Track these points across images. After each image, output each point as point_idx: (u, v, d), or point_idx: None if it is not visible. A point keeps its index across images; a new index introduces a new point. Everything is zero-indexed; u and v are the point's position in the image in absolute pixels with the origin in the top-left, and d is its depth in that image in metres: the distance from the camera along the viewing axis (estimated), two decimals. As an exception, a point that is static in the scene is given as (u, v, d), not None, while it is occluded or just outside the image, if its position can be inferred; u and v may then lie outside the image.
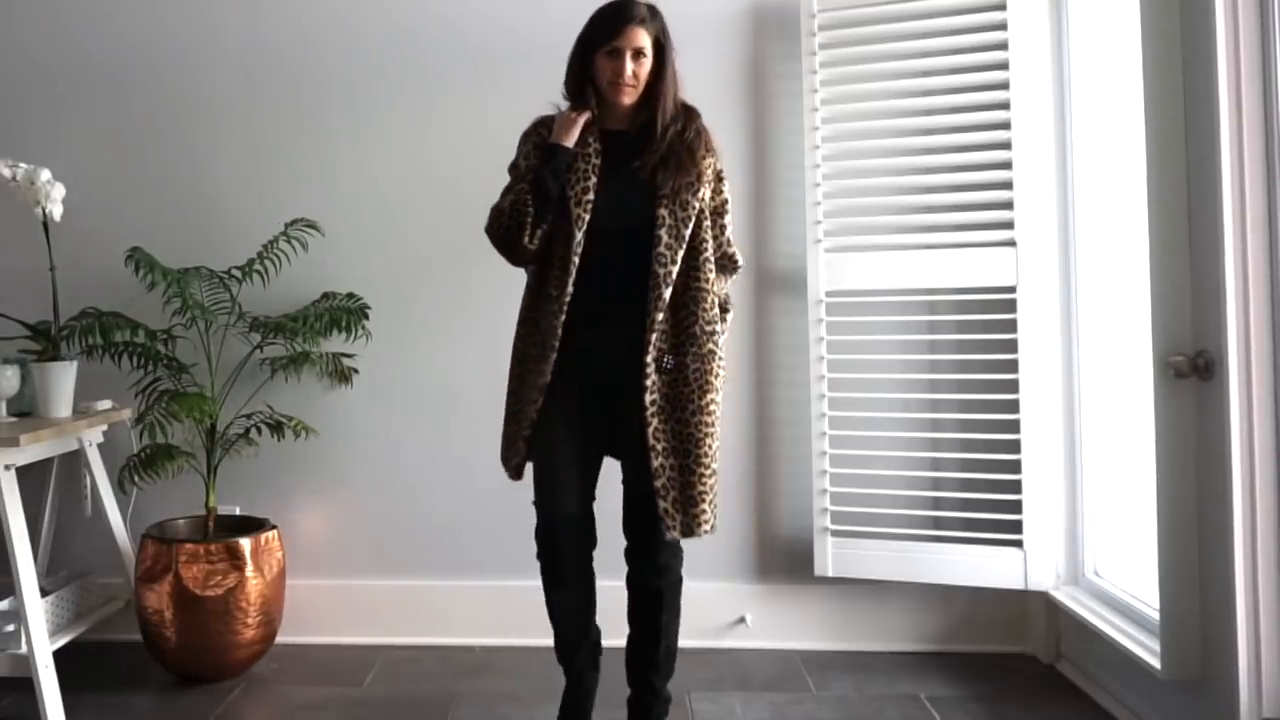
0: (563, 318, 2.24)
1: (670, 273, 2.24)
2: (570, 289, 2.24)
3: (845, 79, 3.04)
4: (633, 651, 2.39)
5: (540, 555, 2.36)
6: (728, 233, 2.43)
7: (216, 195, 3.25)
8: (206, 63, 3.26)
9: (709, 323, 2.28)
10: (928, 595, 3.10)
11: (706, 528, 2.24)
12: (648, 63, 2.26)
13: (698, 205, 2.28)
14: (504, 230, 2.29)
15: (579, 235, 2.23)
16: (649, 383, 2.22)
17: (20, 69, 3.28)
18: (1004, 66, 2.91)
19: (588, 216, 2.24)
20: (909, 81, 3.02)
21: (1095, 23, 2.88)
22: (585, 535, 2.35)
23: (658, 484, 2.21)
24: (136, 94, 3.26)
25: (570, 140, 2.27)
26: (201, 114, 3.26)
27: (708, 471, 2.25)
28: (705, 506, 2.23)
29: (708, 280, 2.30)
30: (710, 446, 2.26)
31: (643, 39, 2.24)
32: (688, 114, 2.34)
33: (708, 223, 2.33)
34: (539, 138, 2.34)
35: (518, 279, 3.20)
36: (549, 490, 2.31)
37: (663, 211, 2.24)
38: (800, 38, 3.05)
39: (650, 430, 2.22)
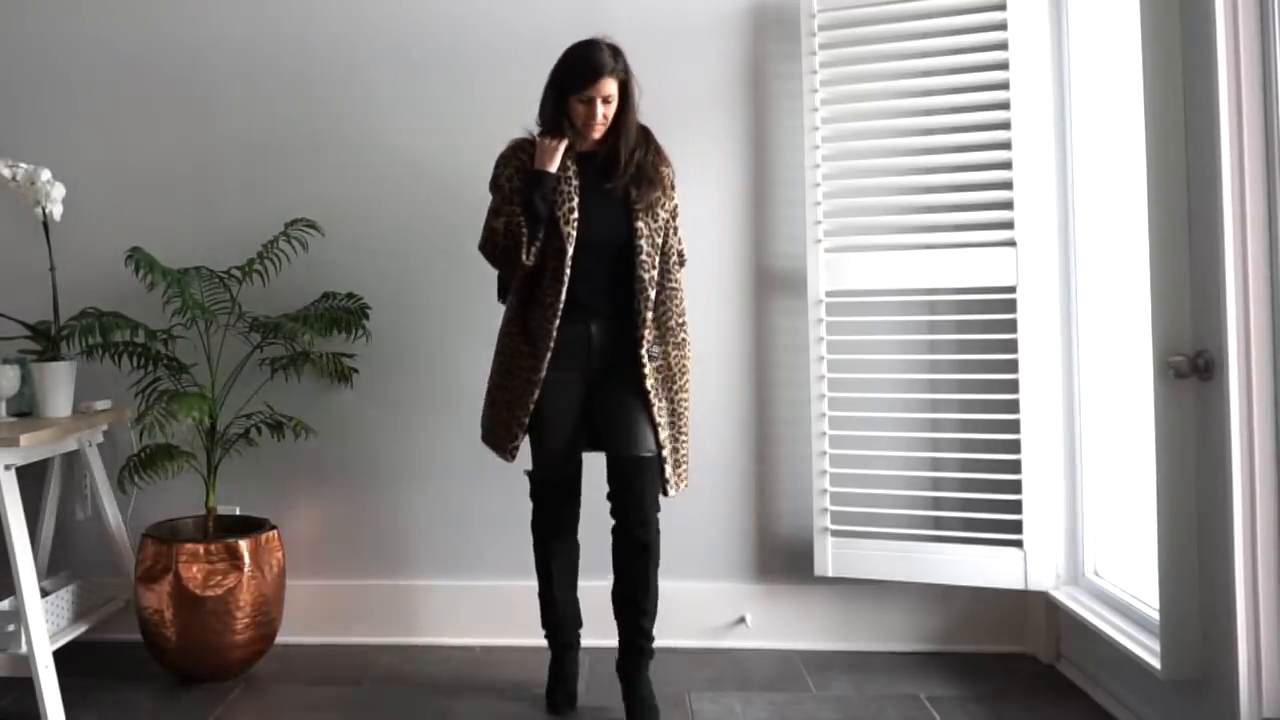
0: (557, 321, 2.54)
1: (653, 277, 2.59)
2: (564, 295, 2.54)
3: (845, 79, 3.04)
4: (622, 600, 2.64)
5: (538, 514, 2.73)
6: (679, 233, 2.73)
7: (216, 195, 3.25)
8: (207, 62, 3.26)
9: (681, 315, 2.67)
10: (928, 595, 3.10)
11: (685, 484, 2.68)
12: (615, 102, 2.56)
13: (665, 216, 2.63)
14: (501, 250, 2.58)
15: (570, 249, 2.53)
16: (646, 370, 2.58)
17: (20, 69, 3.28)
18: (1004, 66, 2.91)
19: (575, 232, 2.54)
20: (909, 81, 3.02)
21: (1095, 23, 2.88)
22: (576, 496, 2.72)
23: (664, 452, 2.59)
24: (137, 94, 3.27)
25: (553, 166, 2.56)
26: (202, 114, 3.26)
27: (687, 438, 2.69)
28: (686, 467, 2.68)
29: (678, 280, 2.69)
30: (688, 418, 2.68)
31: (611, 87, 2.53)
32: (645, 135, 2.65)
33: (672, 228, 2.67)
34: (520, 162, 2.62)
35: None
36: (552, 458, 2.67)
37: (640, 224, 2.58)
38: (800, 38, 3.05)
39: (654, 410, 2.58)
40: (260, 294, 3.06)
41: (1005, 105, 2.91)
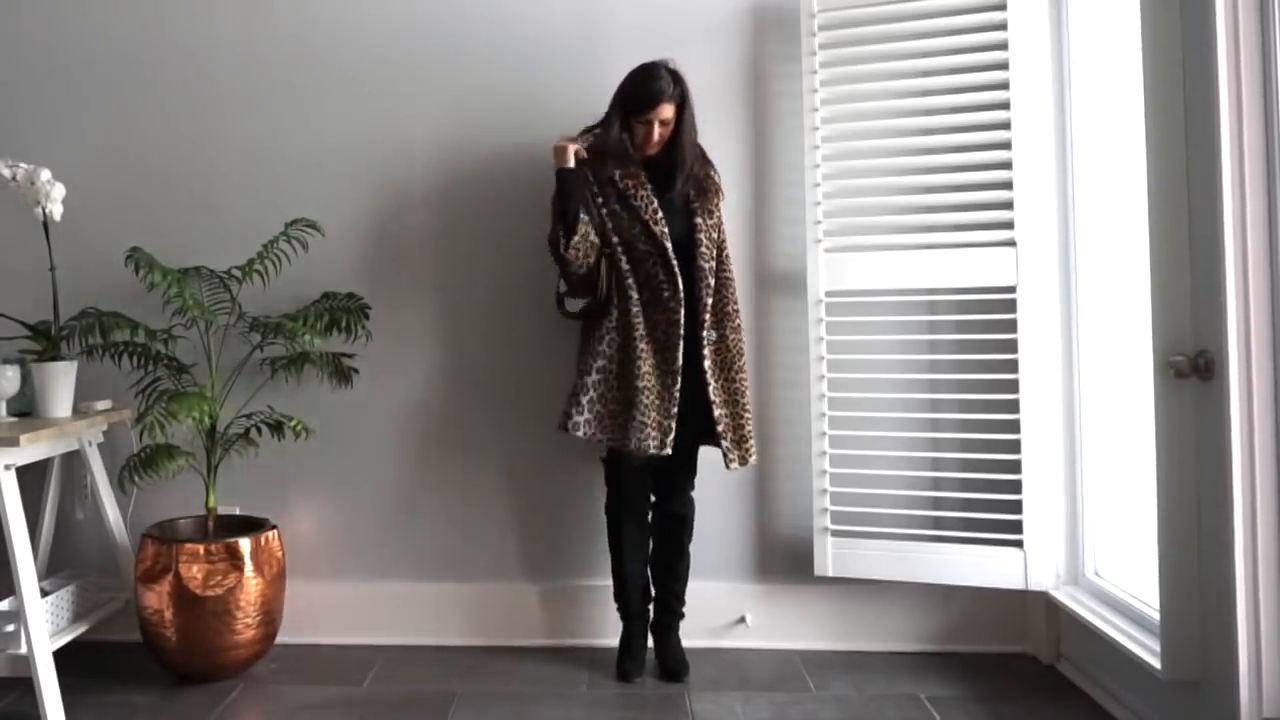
0: (682, 313, 2.77)
1: (712, 268, 2.85)
2: (681, 291, 2.77)
3: (845, 79, 3.04)
4: (659, 566, 2.97)
5: (613, 495, 2.94)
6: (723, 228, 2.98)
7: (216, 195, 3.25)
8: (207, 62, 3.26)
9: (735, 301, 2.91)
10: (928, 595, 3.10)
11: (753, 457, 2.87)
12: (671, 122, 2.80)
13: (718, 214, 2.90)
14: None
15: (670, 247, 2.78)
16: (705, 353, 2.81)
17: (21, 69, 3.28)
18: (1004, 66, 2.91)
19: (668, 232, 2.79)
20: (909, 81, 3.02)
21: (1095, 23, 2.88)
22: (646, 478, 2.92)
23: (720, 428, 2.81)
24: (137, 94, 3.26)
25: (568, 164, 2.78)
26: (202, 114, 3.26)
27: (750, 415, 2.89)
28: (752, 442, 2.87)
29: (731, 271, 2.94)
30: (749, 396, 2.91)
31: (667, 111, 2.78)
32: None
33: (723, 226, 2.93)
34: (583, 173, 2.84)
35: (518, 279, 3.21)
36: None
37: (698, 221, 2.84)
38: (800, 38, 3.05)
39: (710, 390, 2.81)
40: (260, 294, 3.06)
41: (1005, 105, 2.91)
